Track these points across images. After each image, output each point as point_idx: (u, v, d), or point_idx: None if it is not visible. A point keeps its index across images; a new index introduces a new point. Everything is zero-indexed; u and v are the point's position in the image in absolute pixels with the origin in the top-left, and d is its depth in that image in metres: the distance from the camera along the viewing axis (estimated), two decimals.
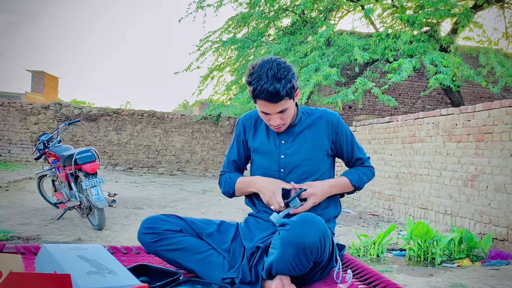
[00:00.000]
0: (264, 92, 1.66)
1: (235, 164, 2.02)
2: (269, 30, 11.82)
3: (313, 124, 1.88)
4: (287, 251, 1.51)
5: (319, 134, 1.87)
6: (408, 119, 6.81)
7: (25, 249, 1.99)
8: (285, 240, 1.52)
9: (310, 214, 1.59)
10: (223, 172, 2.04)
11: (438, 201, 5.83)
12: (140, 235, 1.76)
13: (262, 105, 1.72)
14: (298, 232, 1.51)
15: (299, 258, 1.51)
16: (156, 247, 1.74)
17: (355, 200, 8.33)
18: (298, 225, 1.52)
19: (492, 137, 4.92)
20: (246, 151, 1.99)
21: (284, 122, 1.79)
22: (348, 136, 1.93)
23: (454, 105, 10.27)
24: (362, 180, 1.94)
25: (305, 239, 1.49)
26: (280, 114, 1.74)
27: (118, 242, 4.23)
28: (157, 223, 1.76)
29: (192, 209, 6.61)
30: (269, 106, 1.71)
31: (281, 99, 1.68)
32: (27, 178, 8.97)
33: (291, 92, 1.70)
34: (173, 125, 13.35)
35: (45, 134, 5.52)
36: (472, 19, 9.13)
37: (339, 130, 1.90)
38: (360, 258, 4.23)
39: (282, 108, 1.72)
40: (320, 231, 1.53)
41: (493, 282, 3.48)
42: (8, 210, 5.54)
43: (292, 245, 1.50)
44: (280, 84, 1.66)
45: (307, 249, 1.50)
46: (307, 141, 1.86)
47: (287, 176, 1.84)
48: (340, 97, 8.79)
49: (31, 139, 12.42)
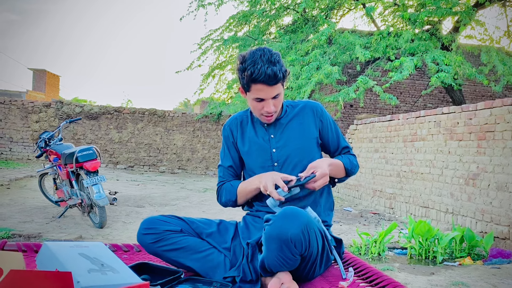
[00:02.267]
0: (263, 74, 1.68)
1: (232, 170, 1.97)
2: (270, 29, 11.80)
3: (298, 114, 1.90)
4: (271, 246, 1.52)
5: (306, 123, 1.88)
6: (409, 118, 6.80)
7: (27, 247, 1.99)
8: (268, 235, 1.53)
9: (292, 207, 1.57)
10: (222, 181, 1.97)
11: (439, 200, 5.83)
12: (140, 236, 1.75)
13: (258, 90, 1.73)
14: (279, 226, 1.51)
15: (283, 252, 1.51)
16: (156, 248, 1.73)
17: (356, 198, 8.32)
18: (280, 219, 1.52)
19: (494, 135, 4.91)
20: (239, 153, 1.97)
21: (276, 109, 1.79)
22: (332, 124, 1.95)
23: (456, 103, 10.26)
24: (353, 165, 1.92)
25: (286, 232, 1.49)
26: (273, 100, 1.76)
27: (119, 240, 4.23)
28: (156, 224, 1.75)
29: (193, 208, 6.61)
30: (266, 90, 1.72)
31: (278, 81, 1.71)
32: (28, 176, 8.98)
33: (285, 75, 1.75)
34: (174, 123, 13.35)
35: (46, 132, 5.52)
36: (474, 17, 9.11)
37: (324, 118, 1.92)
38: (361, 256, 4.23)
39: (277, 92, 1.74)
40: (302, 224, 1.52)
41: (494, 280, 3.47)
42: (9, 208, 5.55)
43: (274, 239, 1.51)
44: (276, 67, 1.70)
45: (289, 242, 1.50)
46: (295, 130, 1.87)
47: (282, 170, 1.84)
48: (341, 95, 8.78)
49: (33, 137, 12.42)
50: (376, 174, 7.66)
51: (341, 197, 8.99)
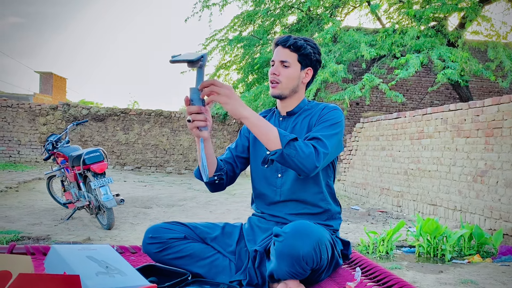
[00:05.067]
0: (285, 37, 1.78)
1: (228, 153, 1.92)
2: (275, 28, 11.79)
3: (311, 111, 1.84)
4: (282, 263, 1.51)
5: (313, 119, 1.80)
6: (416, 115, 6.76)
7: (35, 250, 2.00)
8: (279, 252, 1.51)
9: (304, 223, 1.54)
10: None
11: (447, 197, 5.79)
12: (145, 246, 1.75)
13: (275, 53, 1.80)
14: (291, 244, 1.49)
15: (294, 268, 1.50)
16: (162, 256, 1.73)
17: (363, 197, 8.30)
18: (290, 237, 1.50)
19: (502, 132, 4.87)
20: (245, 143, 1.93)
21: (280, 78, 1.77)
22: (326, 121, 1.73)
23: (463, 100, 10.19)
24: (297, 146, 1.54)
25: (298, 251, 1.47)
26: (282, 67, 1.77)
27: (127, 241, 4.25)
28: (160, 232, 1.74)
29: (200, 208, 6.62)
30: (278, 52, 1.78)
31: (291, 47, 1.76)
32: (36, 178, 9.05)
33: (302, 52, 1.77)
34: (180, 124, 13.39)
35: (54, 134, 5.56)
36: (480, 13, 9.04)
37: (324, 115, 1.76)
38: (369, 255, 4.22)
39: (287, 59, 1.76)
40: (314, 241, 1.50)
41: (504, 278, 3.45)
42: (18, 211, 5.59)
43: (286, 257, 1.49)
44: (299, 39, 1.78)
45: (301, 260, 1.48)
46: (302, 125, 1.82)
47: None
48: (347, 93, 8.76)
49: (40, 140, 12.51)
50: (383, 172, 7.63)
51: (348, 196, 8.97)
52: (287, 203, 1.80)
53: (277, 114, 1.90)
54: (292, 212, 1.78)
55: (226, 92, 1.48)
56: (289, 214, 1.78)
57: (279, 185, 1.80)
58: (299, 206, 1.79)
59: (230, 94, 1.50)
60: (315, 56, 1.79)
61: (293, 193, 1.77)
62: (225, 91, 1.48)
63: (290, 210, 1.79)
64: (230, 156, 1.92)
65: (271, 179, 1.82)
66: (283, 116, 1.86)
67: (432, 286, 3.26)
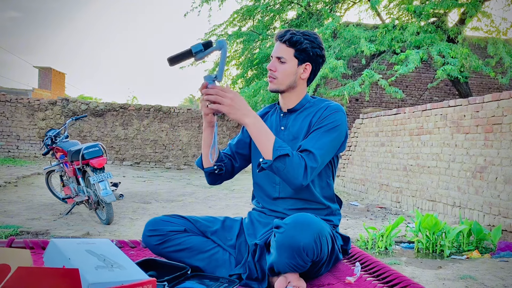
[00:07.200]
0: (282, 32, 1.78)
1: (229, 149, 1.94)
2: (274, 23, 11.78)
3: (313, 109, 1.80)
4: (282, 254, 1.50)
5: (313, 119, 1.76)
6: (415, 111, 6.76)
7: (34, 244, 2.00)
8: (280, 243, 1.51)
9: (304, 215, 1.54)
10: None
11: (446, 193, 5.80)
12: (145, 238, 1.75)
13: (274, 48, 1.81)
14: (291, 235, 1.48)
15: (295, 259, 1.50)
16: (161, 249, 1.73)
17: (362, 193, 8.30)
18: (291, 228, 1.49)
19: (501, 128, 4.87)
20: (247, 139, 1.93)
21: (276, 74, 1.76)
22: (324, 127, 1.69)
23: (462, 96, 10.19)
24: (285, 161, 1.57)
25: (298, 242, 1.47)
26: (278, 62, 1.76)
27: (126, 236, 4.25)
28: (161, 225, 1.74)
29: (199, 203, 6.62)
30: (276, 47, 1.79)
31: (287, 41, 1.74)
32: (35, 173, 9.05)
33: (299, 47, 1.75)
34: (179, 119, 13.37)
35: (53, 129, 5.56)
36: (480, 9, 9.03)
37: (324, 118, 1.71)
38: (368, 250, 4.22)
39: (283, 55, 1.75)
40: (315, 232, 1.49)
41: (502, 274, 3.46)
42: (17, 205, 5.59)
43: (286, 248, 1.49)
44: (297, 33, 1.75)
45: (301, 251, 1.48)
46: (302, 124, 1.78)
47: None
48: (346, 89, 8.75)
49: (39, 134, 12.49)
50: (383, 168, 7.63)
51: (347, 192, 8.97)
52: (286, 199, 1.79)
53: (278, 110, 1.89)
54: (292, 207, 1.78)
55: (228, 103, 1.56)
56: (288, 209, 1.78)
57: (278, 182, 1.80)
58: (298, 203, 1.78)
59: (233, 104, 1.57)
60: (313, 51, 1.75)
61: (291, 190, 1.77)
62: (228, 101, 1.56)
63: (289, 206, 1.79)
64: (230, 151, 1.94)
65: (270, 175, 1.81)
66: (284, 112, 1.85)
67: (431, 281, 3.27)
